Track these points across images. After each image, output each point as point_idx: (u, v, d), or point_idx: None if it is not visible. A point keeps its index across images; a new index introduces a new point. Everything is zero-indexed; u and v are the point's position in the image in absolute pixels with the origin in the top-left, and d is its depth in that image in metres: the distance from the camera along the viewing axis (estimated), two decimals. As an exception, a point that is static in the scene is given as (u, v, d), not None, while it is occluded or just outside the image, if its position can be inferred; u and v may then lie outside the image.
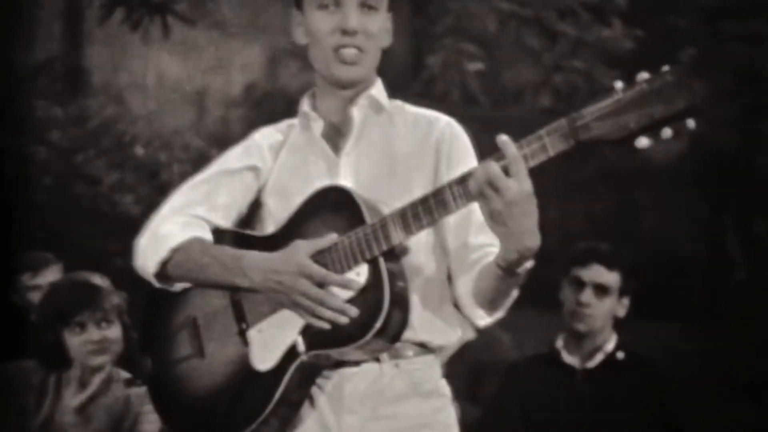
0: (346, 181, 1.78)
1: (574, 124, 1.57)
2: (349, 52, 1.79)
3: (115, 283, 2.45)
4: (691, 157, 1.43)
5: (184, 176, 3.60)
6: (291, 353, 1.72)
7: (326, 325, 1.67)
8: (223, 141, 3.78)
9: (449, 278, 1.82)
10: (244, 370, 1.74)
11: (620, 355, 2.84)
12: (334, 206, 1.73)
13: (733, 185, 1.41)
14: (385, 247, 1.69)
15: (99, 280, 2.40)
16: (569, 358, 2.88)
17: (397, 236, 1.68)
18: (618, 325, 2.88)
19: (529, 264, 1.67)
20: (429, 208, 1.66)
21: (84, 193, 3.66)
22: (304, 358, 1.70)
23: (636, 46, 3.74)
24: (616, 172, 3.19)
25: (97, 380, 2.37)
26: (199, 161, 3.51)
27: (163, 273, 1.76)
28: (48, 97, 3.73)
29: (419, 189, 1.73)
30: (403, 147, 1.83)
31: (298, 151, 1.85)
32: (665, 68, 1.55)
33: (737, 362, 3.37)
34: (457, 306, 1.80)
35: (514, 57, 3.69)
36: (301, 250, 1.69)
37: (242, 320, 1.74)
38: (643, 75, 1.53)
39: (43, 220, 3.58)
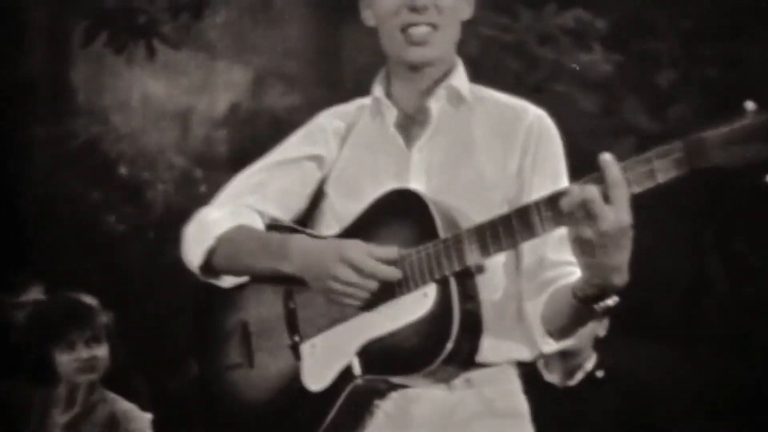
0: (416, 178, 1.59)
1: (693, 149, 1.34)
2: (419, 31, 1.60)
3: (100, 302, 2.47)
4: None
5: (167, 195, 3.60)
6: (345, 375, 1.56)
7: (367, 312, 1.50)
8: (208, 160, 3.81)
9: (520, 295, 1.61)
10: (294, 387, 1.59)
11: (600, 373, 2.87)
12: (405, 213, 1.54)
13: (713, 203, 1.42)
14: (457, 267, 1.48)
15: (88, 299, 2.43)
16: (550, 377, 2.90)
17: (471, 257, 1.48)
18: (599, 343, 2.91)
19: (610, 301, 1.46)
20: (511, 230, 1.45)
21: (67, 211, 3.66)
22: (359, 381, 1.54)
23: (615, 69, 3.78)
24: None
25: (85, 398, 2.39)
26: (183, 180, 3.52)
27: (209, 264, 1.62)
28: (32, 117, 3.74)
29: (499, 193, 1.58)
30: (484, 144, 1.62)
31: (366, 139, 1.67)
32: None
33: (717, 379, 3.40)
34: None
35: (496, 80, 3.75)
36: (352, 242, 1.51)
37: (295, 332, 1.60)
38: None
39: (26, 239, 3.58)
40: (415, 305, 1.50)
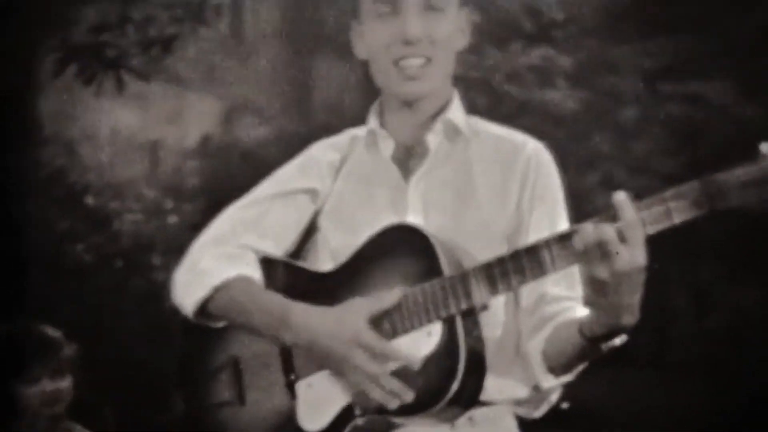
0: (414, 212, 1.55)
1: (710, 190, 1.35)
2: (412, 64, 1.55)
3: (66, 333, 2.47)
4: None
5: (137, 225, 3.60)
6: (344, 414, 1.51)
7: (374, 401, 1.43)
8: (177, 191, 3.81)
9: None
10: (288, 427, 1.54)
11: (565, 405, 2.91)
12: (406, 249, 1.48)
13: (677, 234, 1.46)
14: (464, 306, 1.45)
15: (52, 331, 2.44)
16: (518, 410, 2.94)
17: (479, 295, 1.44)
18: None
19: (618, 341, 1.45)
20: (520, 267, 1.41)
21: (34, 241, 3.64)
22: (359, 422, 1.50)
23: (579, 106, 3.85)
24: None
25: (49, 429, 2.39)
26: (152, 211, 3.53)
27: (202, 311, 1.58)
28: (-1, 146, 3.72)
29: (498, 228, 1.54)
30: (482, 178, 1.58)
31: (361, 171, 1.63)
32: None
33: (682, 408, 3.44)
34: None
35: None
36: (360, 313, 1.45)
37: (291, 371, 1.55)
38: None
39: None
40: (419, 344, 1.46)
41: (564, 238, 1.40)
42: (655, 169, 3.59)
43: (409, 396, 1.43)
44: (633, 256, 1.35)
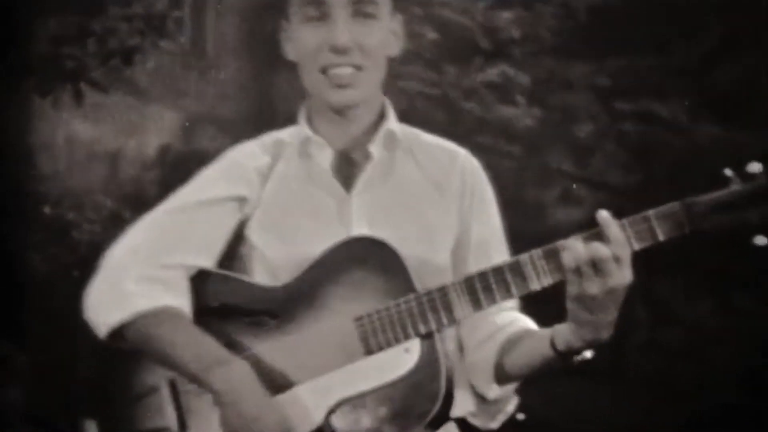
0: (359, 223, 1.49)
1: (691, 211, 1.39)
2: (342, 73, 1.50)
3: (19, 342, 2.44)
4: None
5: (94, 235, 3.57)
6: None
7: None
8: (136, 201, 3.79)
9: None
10: None
11: (521, 416, 2.94)
12: (369, 263, 1.42)
13: (638, 253, 1.48)
14: (446, 322, 1.42)
15: (1, 343, 2.41)
16: (475, 420, 2.97)
17: (462, 311, 1.41)
18: (522, 388, 2.98)
19: (588, 353, 1.46)
20: (505, 282, 1.40)
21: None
22: None
23: (536, 123, 3.90)
24: (526, 233, 3.31)
25: None
26: (111, 221, 3.51)
27: (116, 333, 1.48)
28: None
29: (442, 236, 1.51)
30: (423, 187, 1.55)
31: (297, 180, 1.55)
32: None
33: (637, 420, 3.48)
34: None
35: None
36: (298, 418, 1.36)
37: None
38: (755, 166, 1.39)
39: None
40: (397, 361, 1.40)
41: (549, 254, 1.41)
42: (612, 184, 3.65)
43: None
44: (624, 274, 1.39)
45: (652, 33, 3.67)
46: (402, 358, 1.41)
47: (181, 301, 1.50)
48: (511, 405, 3.10)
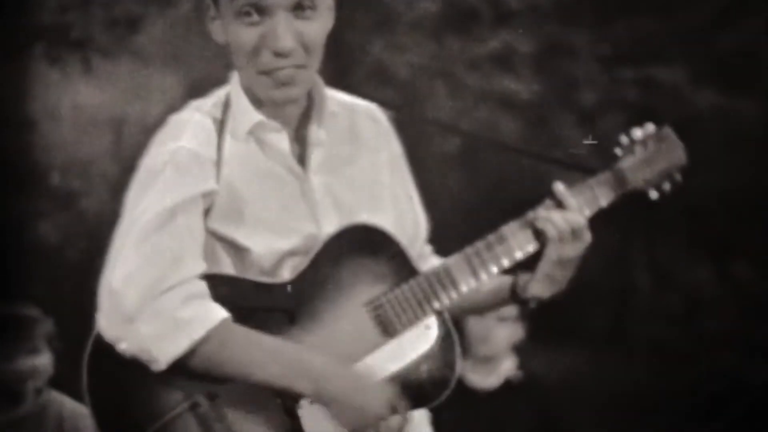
0: (323, 202, 1.50)
1: (619, 176, 1.64)
2: (286, 74, 1.43)
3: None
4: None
5: (102, 205, 3.58)
6: None
7: None
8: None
9: None
10: None
11: (517, 376, 3.02)
12: (368, 250, 1.46)
13: (639, 211, 1.57)
14: (454, 296, 1.52)
15: (28, 310, 2.51)
16: (473, 377, 3.04)
17: (466, 284, 1.53)
18: (522, 350, 3.05)
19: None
20: (496, 255, 1.55)
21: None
22: None
23: (536, 94, 3.90)
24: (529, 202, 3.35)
25: (32, 401, 2.47)
26: (117, 189, 3.53)
27: (176, 364, 1.41)
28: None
29: (387, 198, 1.57)
30: (363, 151, 1.57)
31: (254, 167, 1.50)
32: (656, 128, 1.66)
33: (635, 385, 3.54)
34: None
35: (425, 105, 3.86)
36: (385, 382, 1.42)
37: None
38: (638, 133, 1.64)
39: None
40: (421, 338, 1.48)
41: (526, 224, 1.60)
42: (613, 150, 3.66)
43: None
44: (588, 236, 1.60)
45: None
46: (424, 335, 1.49)
47: (224, 313, 1.45)
48: (508, 363, 3.17)
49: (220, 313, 1.43)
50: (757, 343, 3.53)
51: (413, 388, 1.47)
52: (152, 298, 1.39)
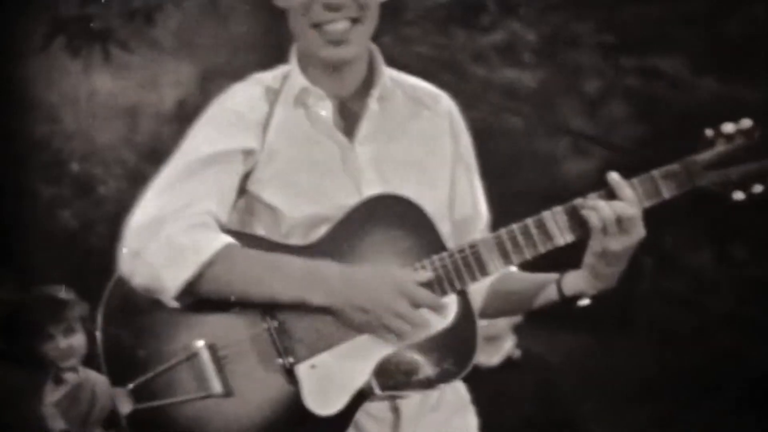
0: (367, 174, 1.48)
1: (690, 170, 1.49)
2: (337, 29, 1.42)
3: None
4: (603, 169, 1.59)
5: (120, 192, 3.66)
6: (360, 394, 1.43)
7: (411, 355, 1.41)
8: (155, 156, 3.88)
9: None
10: (293, 412, 1.41)
11: (516, 354, 3.09)
12: (397, 220, 1.43)
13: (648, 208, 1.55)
14: (479, 278, 1.46)
15: (63, 293, 2.66)
16: (478, 360, 3.12)
17: (494, 265, 1.46)
18: (522, 332, 3.12)
19: (588, 299, 1.53)
20: (530, 238, 1.47)
21: (19, 208, 3.71)
22: (376, 397, 1.44)
23: (541, 82, 3.89)
24: (536, 188, 3.40)
25: (69, 379, 2.62)
26: (134, 176, 3.61)
27: (186, 291, 1.41)
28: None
29: (442, 179, 1.54)
30: (419, 132, 1.54)
31: (298, 133, 1.49)
32: (747, 123, 1.50)
33: (634, 367, 3.60)
34: None
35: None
36: (402, 272, 1.40)
37: (289, 353, 1.42)
38: (729, 127, 1.49)
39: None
40: (436, 317, 1.43)
41: (570, 211, 1.48)
42: (617, 139, 3.71)
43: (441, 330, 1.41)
44: (639, 230, 1.47)
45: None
46: (449, 308, 1.45)
47: (229, 239, 1.45)
48: (509, 342, 3.22)
49: (225, 238, 1.43)
50: (755, 322, 3.59)
51: (428, 365, 1.45)
52: (158, 228, 1.41)
